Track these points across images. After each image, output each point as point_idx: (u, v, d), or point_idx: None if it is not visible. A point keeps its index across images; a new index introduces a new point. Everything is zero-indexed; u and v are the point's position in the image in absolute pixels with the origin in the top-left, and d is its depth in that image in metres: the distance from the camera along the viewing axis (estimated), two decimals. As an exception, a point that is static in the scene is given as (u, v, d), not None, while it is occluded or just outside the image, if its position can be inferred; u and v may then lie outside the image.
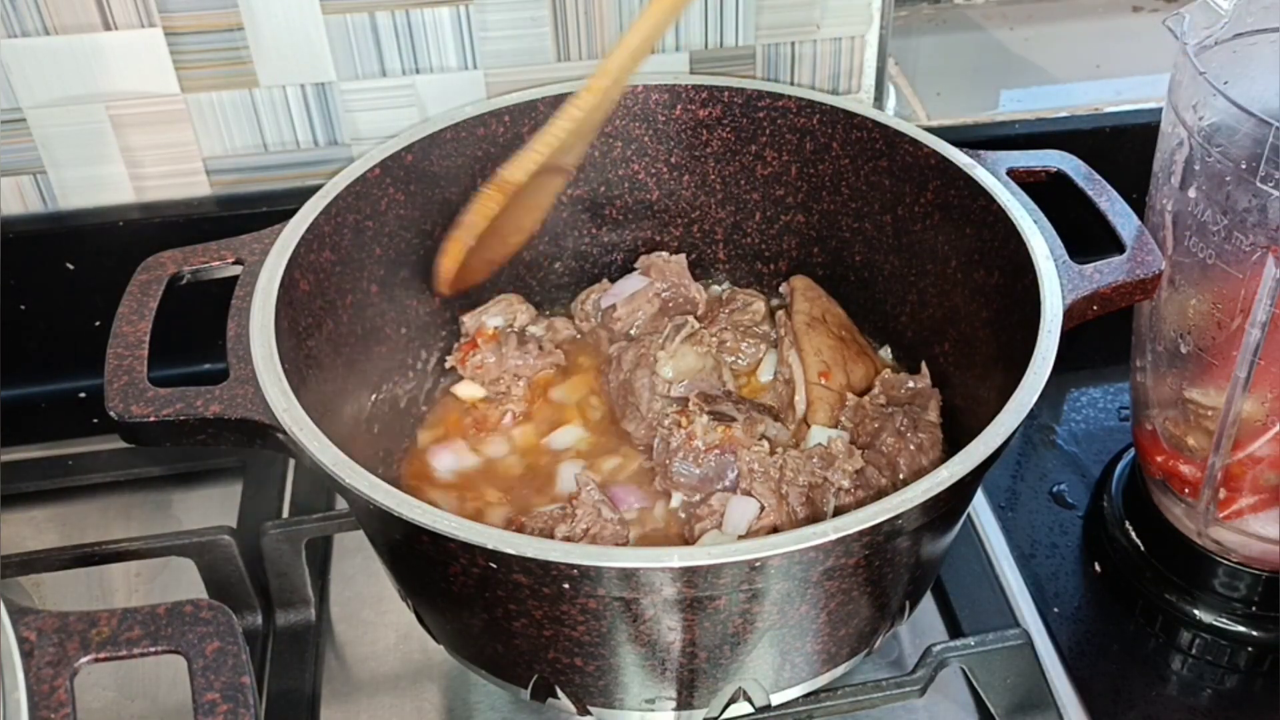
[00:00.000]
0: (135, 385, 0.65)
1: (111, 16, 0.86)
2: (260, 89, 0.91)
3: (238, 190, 0.96)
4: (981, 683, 0.75)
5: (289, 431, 0.62)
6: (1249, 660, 0.81)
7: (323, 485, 0.88)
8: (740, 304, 0.92)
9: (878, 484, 0.76)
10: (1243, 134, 0.66)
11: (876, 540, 0.59)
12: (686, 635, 0.62)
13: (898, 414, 0.79)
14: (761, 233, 0.95)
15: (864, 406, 0.81)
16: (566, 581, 0.57)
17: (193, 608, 0.51)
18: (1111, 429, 0.97)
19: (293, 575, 0.80)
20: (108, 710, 0.78)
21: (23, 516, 0.91)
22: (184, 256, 0.74)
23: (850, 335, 0.88)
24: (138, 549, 0.79)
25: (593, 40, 0.94)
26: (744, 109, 0.90)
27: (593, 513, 0.73)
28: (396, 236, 0.83)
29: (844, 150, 0.88)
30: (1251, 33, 0.73)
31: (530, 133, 0.88)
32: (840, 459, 0.76)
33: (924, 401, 0.82)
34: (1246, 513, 0.78)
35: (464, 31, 0.91)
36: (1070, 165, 0.80)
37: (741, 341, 0.90)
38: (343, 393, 0.77)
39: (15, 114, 0.89)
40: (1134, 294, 0.72)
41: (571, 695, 0.68)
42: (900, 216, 0.86)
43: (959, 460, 0.60)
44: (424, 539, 0.58)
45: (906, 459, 0.77)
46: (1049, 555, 0.87)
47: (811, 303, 0.89)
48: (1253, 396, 0.73)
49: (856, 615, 0.67)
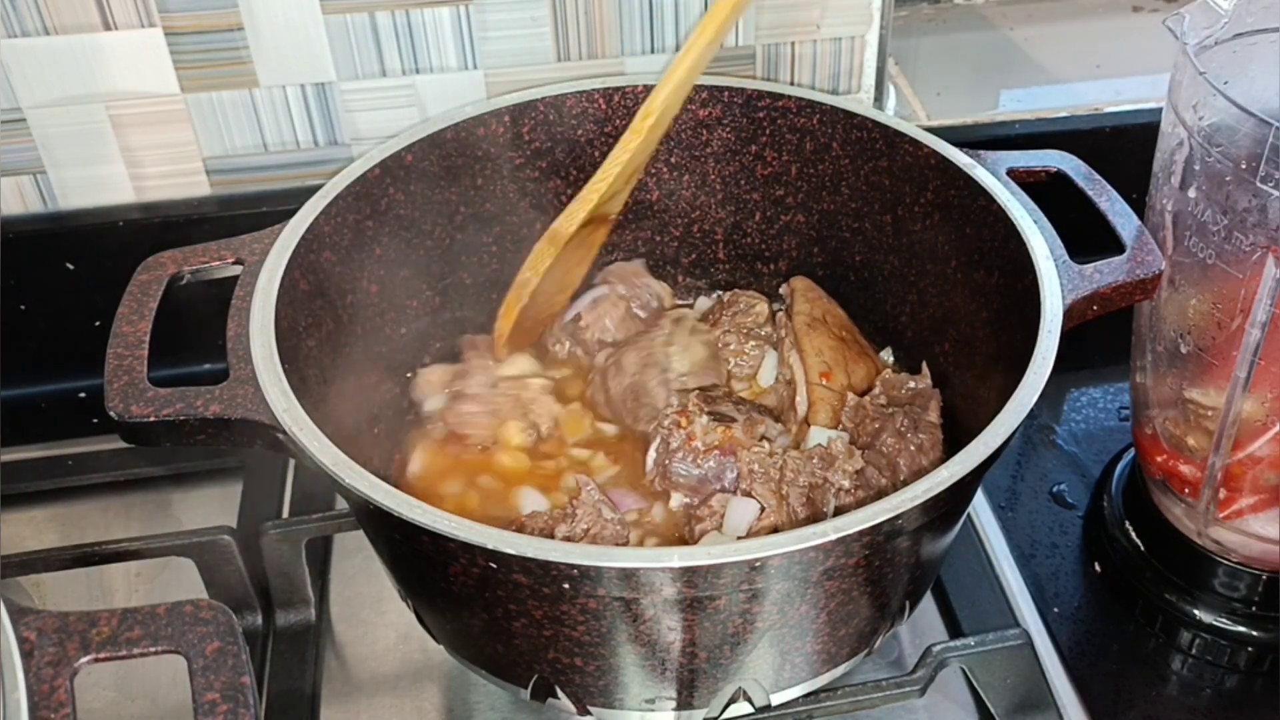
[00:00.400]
0: (135, 385, 0.65)
1: (111, 16, 0.86)
2: (260, 89, 0.92)
3: (238, 190, 0.96)
4: (981, 683, 0.75)
5: (289, 431, 0.62)
6: (1249, 660, 0.81)
7: (323, 485, 0.88)
8: (743, 306, 0.92)
9: (878, 484, 0.76)
10: (1243, 134, 0.66)
11: (876, 540, 0.59)
12: (686, 635, 0.62)
13: (898, 414, 0.79)
14: (761, 233, 0.95)
15: (864, 407, 0.81)
16: (566, 581, 0.57)
17: (193, 608, 0.51)
18: (1111, 429, 0.97)
19: (293, 575, 0.80)
20: (108, 710, 0.78)
21: (23, 516, 0.91)
22: (184, 256, 0.74)
23: (851, 336, 0.88)
24: (138, 549, 0.79)
25: (593, 40, 0.94)
26: (744, 109, 0.90)
27: (593, 513, 0.73)
28: (396, 236, 0.83)
29: (844, 150, 0.88)
30: (1251, 33, 0.73)
31: (530, 132, 0.88)
32: (840, 459, 0.76)
33: (924, 402, 0.82)
34: (1246, 513, 0.78)
35: (464, 31, 0.91)
36: (1070, 165, 0.80)
37: (745, 344, 0.90)
38: (343, 393, 0.77)
39: (15, 114, 0.89)
40: (1134, 294, 0.72)
41: (571, 695, 0.68)
42: (900, 216, 0.86)
43: (959, 460, 0.60)
44: (424, 539, 0.58)
45: (907, 459, 0.77)
46: (1049, 555, 0.87)
47: (812, 303, 0.89)
48: (1253, 396, 0.73)
49: (856, 615, 0.67)
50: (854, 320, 0.91)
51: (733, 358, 0.89)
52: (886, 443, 0.78)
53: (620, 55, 0.95)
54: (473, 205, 0.88)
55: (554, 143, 0.90)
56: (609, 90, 0.89)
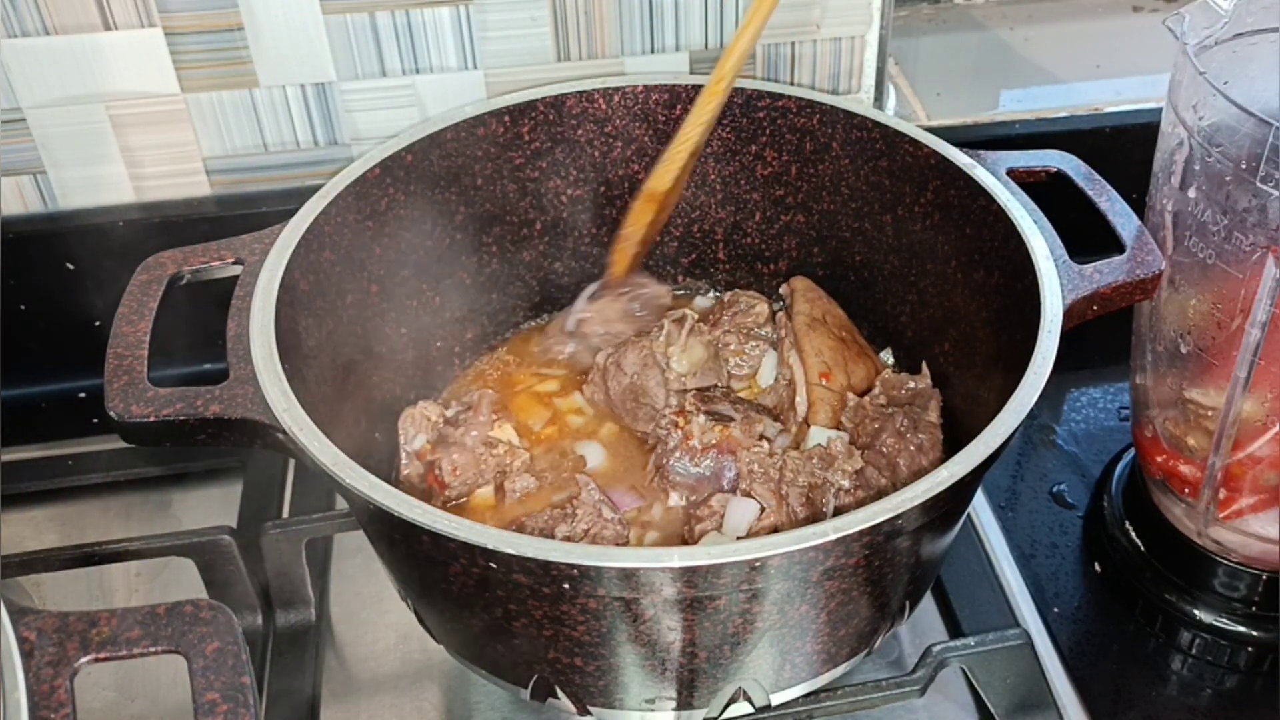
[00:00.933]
0: (135, 385, 0.65)
1: (111, 16, 0.86)
2: (260, 89, 0.92)
3: (238, 190, 0.96)
4: (981, 683, 0.75)
5: (289, 431, 0.62)
6: (1249, 660, 0.81)
7: (323, 485, 0.88)
8: (743, 306, 0.92)
9: (878, 484, 0.76)
10: (1243, 134, 0.66)
11: (876, 540, 0.59)
12: (686, 635, 0.62)
13: (898, 414, 0.79)
14: (761, 233, 0.95)
15: (864, 407, 0.81)
16: (566, 581, 0.57)
17: (193, 608, 0.51)
18: (1111, 429, 0.97)
19: (293, 575, 0.80)
20: (108, 710, 0.78)
21: (23, 516, 0.91)
22: (184, 256, 0.74)
23: (851, 336, 0.88)
24: (138, 549, 0.80)
25: (593, 40, 0.94)
26: (744, 109, 0.90)
27: (593, 513, 0.73)
28: (396, 236, 0.83)
29: (844, 150, 0.88)
30: (1251, 33, 0.73)
31: (530, 133, 0.88)
32: (840, 459, 0.76)
33: (924, 402, 0.82)
34: (1246, 513, 0.78)
35: (464, 31, 0.91)
36: (1070, 165, 0.80)
37: (745, 344, 0.90)
38: (343, 393, 0.77)
39: (15, 114, 0.89)
40: (1134, 294, 0.72)
41: (571, 695, 0.68)
42: (900, 216, 0.86)
43: (959, 460, 0.60)
44: (424, 539, 0.58)
45: (906, 459, 0.77)
46: (1049, 555, 0.87)
47: (812, 304, 0.89)
48: (1252, 397, 0.73)
49: (856, 615, 0.67)
50: (854, 320, 0.91)
51: (733, 358, 0.89)
52: (886, 443, 0.78)
53: (620, 55, 0.95)
54: (473, 205, 0.88)
55: (554, 143, 0.90)
56: (609, 90, 0.89)
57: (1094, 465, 0.94)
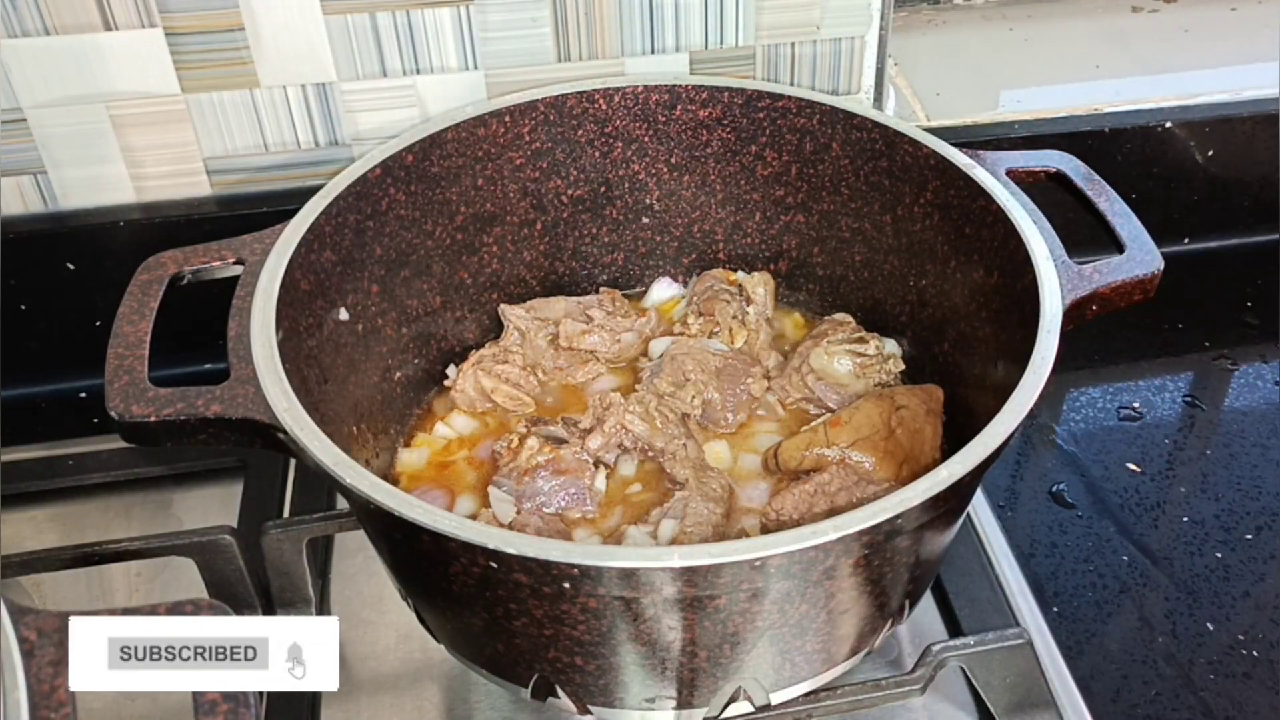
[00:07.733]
0: (136, 385, 0.65)
1: (112, 16, 0.86)
2: (261, 89, 0.92)
3: (238, 190, 0.96)
4: (981, 682, 0.75)
5: (290, 431, 0.62)
6: (1248, 660, 0.81)
7: (323, 485, 0.88)
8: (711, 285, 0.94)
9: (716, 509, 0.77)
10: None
11: (876, 540, 0.59)
12: (687, 634, 0.62)
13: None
14: (761, 233, 0.95)
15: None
16: (567, 581, 0.57)
17: (193, 607, 0.51)
18: (1111, 429, 0.97)
19: (293, 575, 0.80)
20: (108, 710, 0.78)
21: (23, 516, 0.91)
22: (184, 256, 0.74)
23: (911, 448, 0.79)
24: (138, 549, 0.79)
25: (593, 41, 0.94)
26: (744, 109, 0.90)
27: (619, 430, 0.78)
28: (396, 236, 0.84)
29: (844, 150, 0.88)
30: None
31: (530, 133, 0.88)
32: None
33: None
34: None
35: (464, 32, 0.91)
36: (1069, 165, 0.80)
37: (717, 308, 0.91)
38: (343, 392, 0.77)
39: (15, 114, 0.89)
40: (1133, 294, 0.72)
41: (572, 694, 0.68)
42: (900, 216, 0.86)
43: (959, 460, 0.60)
44: (424, 539, 0.58)
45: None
46: (1049, 555, 0.88)
47: (913, 394, 0.82)
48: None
49: (856, 614, 0.67)
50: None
51: (709, 327, 0.91)
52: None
53: (620, 55, 0.95)
54: (473, 205, 0.88)
55: (554, 143, 0.90)
56: (609, 90, 0.89)
57: (1094, 465, 0.94)
